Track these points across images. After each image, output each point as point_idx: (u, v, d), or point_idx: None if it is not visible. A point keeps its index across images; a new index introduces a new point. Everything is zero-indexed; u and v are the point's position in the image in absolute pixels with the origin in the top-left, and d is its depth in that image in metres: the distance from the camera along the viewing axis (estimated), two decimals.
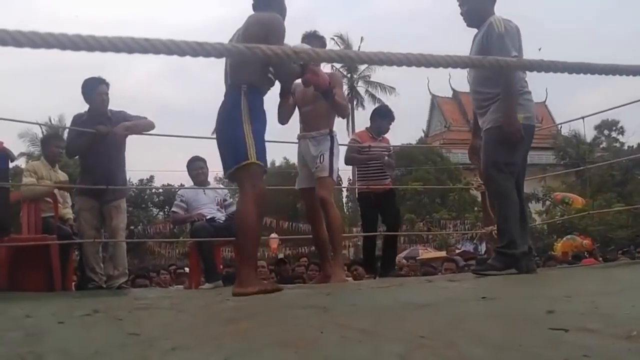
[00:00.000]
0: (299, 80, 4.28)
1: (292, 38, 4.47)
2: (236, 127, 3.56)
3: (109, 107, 5.47)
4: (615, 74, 1.35)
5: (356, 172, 6.68)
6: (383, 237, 6.75)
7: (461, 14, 4.18)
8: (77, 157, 5.86)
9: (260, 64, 3.61)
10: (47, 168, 6.03)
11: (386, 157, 6.53)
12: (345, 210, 31.81)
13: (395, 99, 39.02)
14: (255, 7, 3.85)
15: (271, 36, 3.51)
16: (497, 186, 3.96)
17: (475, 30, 4.14)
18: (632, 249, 11.05)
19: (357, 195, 7.20)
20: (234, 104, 3.63)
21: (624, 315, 1.82)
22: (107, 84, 5.46)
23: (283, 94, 4.38)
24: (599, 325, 1.67)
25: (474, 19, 4.13)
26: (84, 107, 5.46)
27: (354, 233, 21.37)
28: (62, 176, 6.24)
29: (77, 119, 5.46)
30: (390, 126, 6.79)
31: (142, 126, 5.55)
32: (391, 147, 6.83)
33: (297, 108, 4.83)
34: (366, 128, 6.90)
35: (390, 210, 6.68)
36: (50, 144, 6.22)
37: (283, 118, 4.60)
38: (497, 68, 2.76)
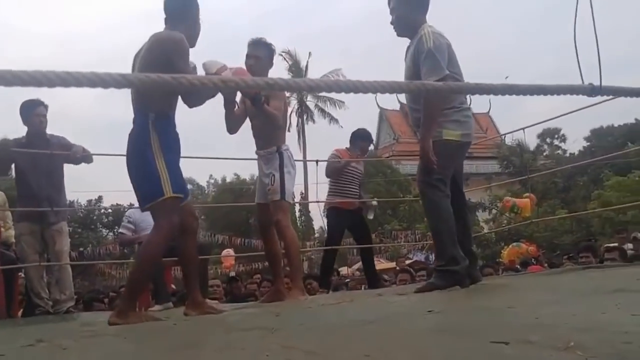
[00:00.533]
0: None
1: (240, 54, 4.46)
2: (148, 161, 3.41)
3: (49, 132, 5.39)
4: (540, 94, 1.40)
5: (327, 187, 6.74)
6: (360, 255, 6.96)
7: (391, 22, 4.03)
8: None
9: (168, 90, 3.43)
10: None
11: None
12: (299, 224, 31.82)
13: (345, 112, 39.40)
14: (166, 21, 3.66)
15: (175, 56, 3.38)
16: (428, 202, 3.88)
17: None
18: (576, 254, 11.35)
19: (325, 209, 7.28)
20: (143, 134, 3.45)
21: (564, 325, 1.87)
22: (46, 106, 5.36)
23: (226, 104, 4.34)
24: (539, 336, 1.71)
25: (404, 28, 4.00)
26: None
27: (308, 248, 21.44)
28: None
29: (15, 143, 5.34)
30: (367, 147, 7.11)
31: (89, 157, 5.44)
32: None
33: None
34: (346, 148, 7.02)
35: (363, 226, 6.90)
36: None
37: (230, 128, 4.53)
38: (424, 91, 2.73)
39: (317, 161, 6.87)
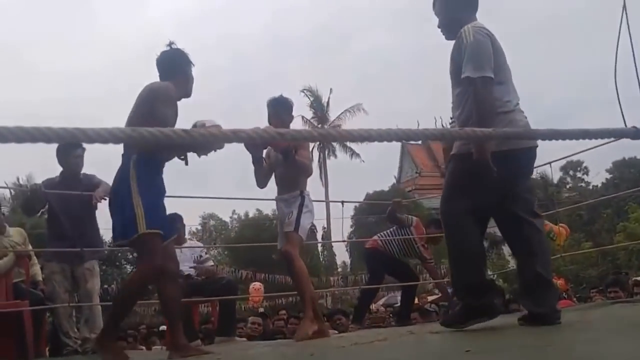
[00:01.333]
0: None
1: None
2: (126, 199, 3.55)
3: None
4: (585, 138, 1.39)
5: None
6: (402, 289, 7.22)
7: (438, 26, 3.68)
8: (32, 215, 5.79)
9: None
10: None
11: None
12: (321, 258, 31.66)
13: (366, 146, 39.45)
14: (159, 76, 3.89)
15: (157, 102, 3.60)
16: (449, 226, 3.44)
17: None
18: (604, 288, 11.16)
19: (366, 249, 7.45)
20: (124, 174, 3.62)
21: None
22: (83, 148, 5.46)
23: (255, 162, 4.60)
24: None
25: (450, 31, 3.58)
26: (51, 170, 5.47)
27: (332, 283, 21.20)
28: (17, 235, 5.87)
29: (48, 183, 5.43)
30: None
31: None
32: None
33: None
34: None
35: (403, 264, 7.19)
36: None
37: (260, 183, 4.75)
38: (474, 138, 2.27)
39: (342, 202, 7.01)
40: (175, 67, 3.85)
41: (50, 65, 61.34)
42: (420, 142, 42.35)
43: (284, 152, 4.44)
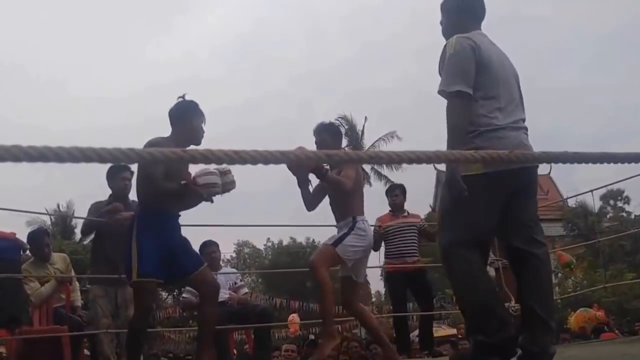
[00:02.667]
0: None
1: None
2: (129, 243, 3.96)
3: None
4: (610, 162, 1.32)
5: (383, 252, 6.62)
6: (418, 317, 6.69)
7: (440, 22, 3.48)
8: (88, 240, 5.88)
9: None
10: (40, 266, 5.77)
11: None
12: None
13: (402, 174, 39.24)
14: (170, 126, 4.13)
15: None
16: (446, 258, 3.15)
17: None
18: None
19: (384, 275, 7.24)
20: (133, 222, 4.08)
21: None
22: (132, 172, 5.52)
23: (300, 184, 4.47)
24: None
25: (448, 35, 3.34)
26: (91, 196, 5.55)
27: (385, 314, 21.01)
28: (61, 261, 6.01)
29: (97, 206, 5.49)
30: (396, 200, 6.85)
31: None
32: (420, 222, 6.91)
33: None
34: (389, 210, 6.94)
35: (421, 289, 6.64)
36: (38, 243, 5.82)
37: (308, 205, 4.56)
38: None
39: (380, 227, 6.78)
40: (183, 118, 4.09)
41: (88, 92, 62.71)
42: None
43: (315, 170, 4.28)
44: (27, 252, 5.74)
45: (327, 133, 4.63)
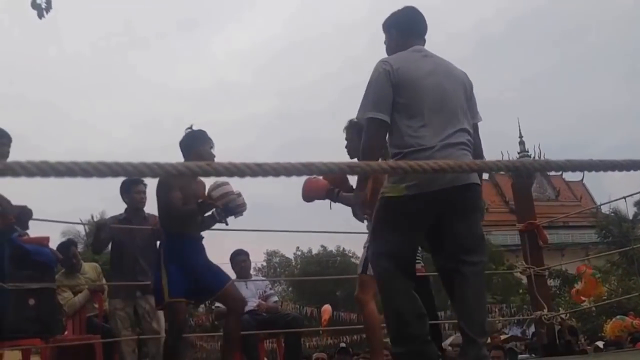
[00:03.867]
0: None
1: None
2: (156, 269, 4.27)
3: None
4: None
5: None
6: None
7: (384, 42, 3.44)
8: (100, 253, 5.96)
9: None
10: (71, 277, 5.88)
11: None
12: None
13: None
14: (182, 156, 4.38)
15: (163, 192, 4.20)
16: (375, 273, 3.23)
17: None
18: None
19: None
20: (160, 245, 4.44)
21: None
22: (145, 184, 5.58)
23: (356, 216, 4.23)
24: None
25: (390, 53, 3.32)
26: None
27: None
28: (92, 271, 6.10)
29: (113, 220, 5.57)
30: None
31: None
32: None
33: None
34: None
35: (424, 299, 6.32)
36: (65, 255, 5.81)
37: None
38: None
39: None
40: (191, 147, 4.34)
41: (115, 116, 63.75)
42: (486, 176, 41.71)
43: (328, 196, 4.28)
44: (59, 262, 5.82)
45: (355, 131, 4.44)
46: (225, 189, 4.15)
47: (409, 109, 3.01)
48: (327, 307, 15.24)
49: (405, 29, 3.29)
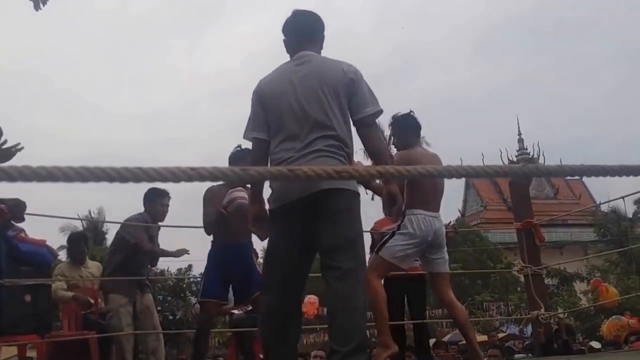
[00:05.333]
0: None
1: None
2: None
3: None
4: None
5: None
6: (412, 327, 6.37)
7: None
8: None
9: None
10: (75, 268, 5.95)
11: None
12: None
13: None
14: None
15: (204, 205, 4.71)
16: None
17: None
18: None
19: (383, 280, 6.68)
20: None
21: None
22: (169, 197, 5.55)
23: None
24: None
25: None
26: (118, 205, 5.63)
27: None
28: (95, 269, 6.13)
29: (136, 219, 5.49)
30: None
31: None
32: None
33: None
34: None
35: (416, 297, 6.18)
36: (77, 246, 6.15)
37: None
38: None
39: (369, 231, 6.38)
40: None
41: (125, 107, 63.77)
42: None
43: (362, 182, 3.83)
44: (58, 257, 5.84)
45: (396, 127, 4.52)
46: (232, 195, 4.46)
47: (273, 126, 3.11)
48: (312, 300, 13.67)
49: (292, 36, 3.29)
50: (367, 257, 4.22)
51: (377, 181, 3.88)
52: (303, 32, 3.28)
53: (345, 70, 3.11)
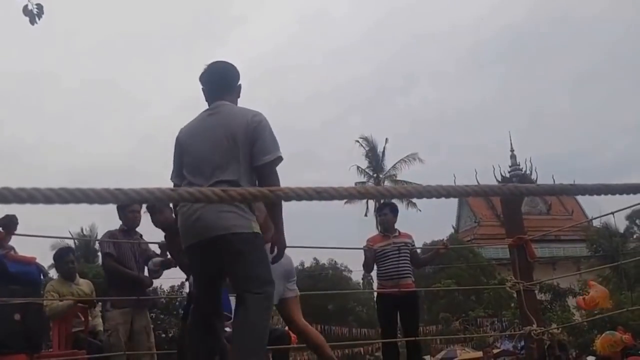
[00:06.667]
0: None
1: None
2: None
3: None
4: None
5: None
6: (405, 344, 6.34)
7: None
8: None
9: None
10: (66, 284, 5.84)
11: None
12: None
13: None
14: None
15: None
16: None
17: None
18: None
19: (375, 297, 6.78)
20: None
21: None
22: (141, 205, 5.51)
23: None
24: None
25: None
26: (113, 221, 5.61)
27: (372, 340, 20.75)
28: (86, 286, 6.07)
29: (110, 234, 5.52)
30: (385, 219, 6.50)
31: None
32: (410, 242, 6.45)
33: None
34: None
35: (409, 314, 6.22)
36: (63, 260, 5.99)
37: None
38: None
39: (368, 247, 6.46)
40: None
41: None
42: None
43: None
44: (48, 275, 5.80)
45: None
46: None
47: (188, 169, 3.41)
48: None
49: (208, 86, 3.55)
50: (362, 272, 4.32)
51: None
52: (218, 82, 3.53)
53: (249, 120, 3.35)
